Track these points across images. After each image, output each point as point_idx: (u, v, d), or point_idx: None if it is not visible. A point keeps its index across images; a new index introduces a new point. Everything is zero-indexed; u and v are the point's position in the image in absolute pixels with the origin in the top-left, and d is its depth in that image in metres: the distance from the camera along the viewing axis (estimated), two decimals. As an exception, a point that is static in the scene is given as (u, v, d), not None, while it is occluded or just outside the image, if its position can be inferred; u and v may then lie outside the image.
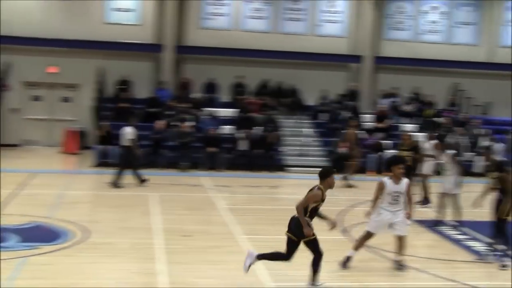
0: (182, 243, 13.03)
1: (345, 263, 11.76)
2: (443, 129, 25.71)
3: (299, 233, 10.25)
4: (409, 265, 12.03)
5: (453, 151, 16.22)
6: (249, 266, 10.53)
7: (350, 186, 20.94)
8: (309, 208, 10.27)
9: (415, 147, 16.45)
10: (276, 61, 27.97)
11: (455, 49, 29.66)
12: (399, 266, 11.82)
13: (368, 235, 11.92)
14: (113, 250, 12.30)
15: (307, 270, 10.88)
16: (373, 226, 11.82)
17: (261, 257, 10.63)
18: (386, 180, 11.61)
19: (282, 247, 13.08)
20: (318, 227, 10.60)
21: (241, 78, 27.00)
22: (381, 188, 11.60)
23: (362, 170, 23.60)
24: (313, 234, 10.25)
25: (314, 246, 10.32)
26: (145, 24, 27.45)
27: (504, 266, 12.06)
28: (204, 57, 27.68)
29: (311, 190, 10.43)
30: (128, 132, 19.56)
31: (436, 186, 16.93)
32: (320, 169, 10.69)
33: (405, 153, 16.07)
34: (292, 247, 10.43)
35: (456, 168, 15.64)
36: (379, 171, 22.93)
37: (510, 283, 11.22)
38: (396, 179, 11.57)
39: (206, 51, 27.56)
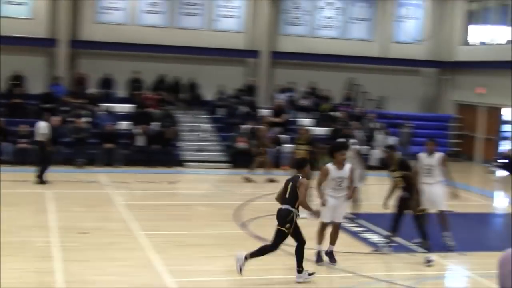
0: (79, 241, 12.71)
1: (318, 258, 11.90)
2: (339, 123, 26.14)
3: (281, 222, 10.55)
4: (308, 258, 12.12)
5: (357, 146, 16.48)
6: (241, 268, 10.43)
7: (250, 181, 20.99)
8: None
9: (311, 141, 16.59)
10: (173, 56, 27.72)
11: (350, 44, 30.17)
12: (330, 256, 11.93)
13: (324, 225, 11.95)
14: (6, 249, 11.81)
15: (203, 265, 10.86)
16: (324, 215, 11.80)
17: (251, 256, 10.58)
18: (330, 166, 11.69)
19: (181, 242, 13.03)
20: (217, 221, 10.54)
21: (138, 73, 26.62)
22: (325, 174, 11.66)
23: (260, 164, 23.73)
24: (288, 229, 10.47)
25: (281, 238, 10.60)
26: (38, 18, 26.64)
27: (429, 261, 12.08)
28: (100, 52, 27.12)
29: (292, 181, 10.69)
30: (42, 127, 19.09)
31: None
32: (296, 161, 11.46)
33: (302, 147, 16.17)
34: (281, 238, 10.65)
35: (359, 162, 15.92)
36: (277, 166, 23.07)
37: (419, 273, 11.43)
38: (339, 165, 11.68)
39: (102, 46, 27.01)
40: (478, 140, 29.13)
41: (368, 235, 14.37)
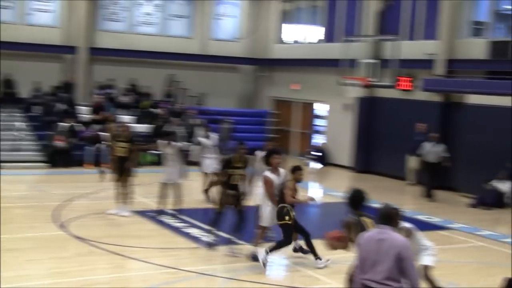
0: None
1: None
2: (160, 120, 26.02)
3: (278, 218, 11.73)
4: (131, 256, 11.99)
5: (179, 143, 16.53)
6: (264, 264, 11.54)
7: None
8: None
9: (131, 139, 16.35)
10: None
11: (170, 41, 30.12)
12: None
13: (263, 229, 12.29)
14: None
15: (23, 270, 10.45)
16: (267, 220, 12.10)
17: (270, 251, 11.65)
18: (270, 175, 11.82)
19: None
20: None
21: None
22: (271, 184, 11.74)
23: (79, 163, 23.18)
24: (289, 220, 11.56)
25: (287, 231, 11.65)
26: None
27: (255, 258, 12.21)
28: None
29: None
30: None
31: (157, 176, 17.02)
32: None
33: (121, 145, 15.87)
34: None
35: (180, 158, 15.90)
36: (96, 164, 22.61)
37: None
38: (276, 171, 11.96)
39: None
40: (294, 134, 30.24)
41: (189, 230, 14.43)
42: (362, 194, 8.66)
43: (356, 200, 8.56)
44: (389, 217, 6.92)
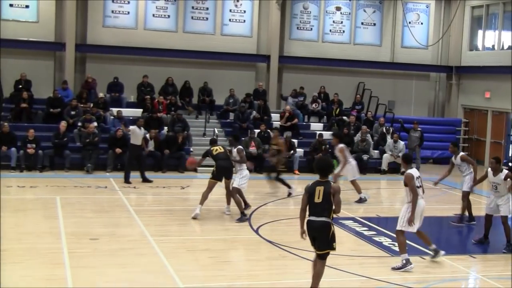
0: (89, 247, 12.61)
1: None
2: (350, 128, 26.02)
3: None
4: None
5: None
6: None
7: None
8: None
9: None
10: (182, 60, 27.58)
11: (359, 49, 30.06)
12: None
13: None
14: (13, 256, 11.67)
15: (213, 271, 10.81)
16: None
17: None
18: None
19: (191, 247, 12.94)
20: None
21: (146, 78, 26.44)
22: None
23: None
24: None
25: None
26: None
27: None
28: (106, 56, 26.97)
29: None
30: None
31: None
32: None
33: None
34: None
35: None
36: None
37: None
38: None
39: (109, 50, 26.85)
40: (487, 144, 29.10)
41: (380, 239, 14.24)
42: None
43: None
44: None
